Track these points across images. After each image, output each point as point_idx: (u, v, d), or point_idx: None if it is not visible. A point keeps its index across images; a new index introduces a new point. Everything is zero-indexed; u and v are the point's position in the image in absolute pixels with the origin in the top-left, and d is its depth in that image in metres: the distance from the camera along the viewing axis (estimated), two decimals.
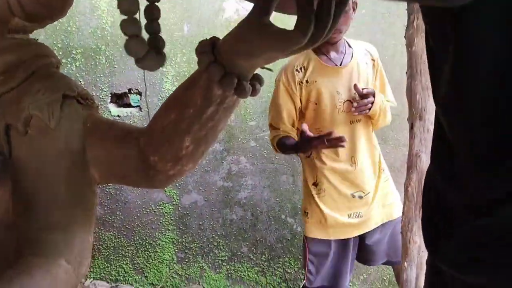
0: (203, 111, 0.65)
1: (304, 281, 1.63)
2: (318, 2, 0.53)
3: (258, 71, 0.67)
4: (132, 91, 2.29)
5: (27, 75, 0.71)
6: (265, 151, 2.18)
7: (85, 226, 0.72)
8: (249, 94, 0.64)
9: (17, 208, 0.69)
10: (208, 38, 0.64)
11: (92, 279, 2.32)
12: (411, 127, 1.40)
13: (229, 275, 2.22)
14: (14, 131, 0.67)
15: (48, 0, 0.75)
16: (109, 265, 2.33)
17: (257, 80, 0.65)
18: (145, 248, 2.28)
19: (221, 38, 0.64)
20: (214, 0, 2.13)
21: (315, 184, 1.59)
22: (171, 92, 0.69)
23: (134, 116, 2.26)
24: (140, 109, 2.29)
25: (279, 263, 2.17)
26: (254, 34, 0.57)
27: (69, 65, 2.22)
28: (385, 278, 2.14)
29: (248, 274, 2.21)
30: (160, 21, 0.67)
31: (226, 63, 0.60)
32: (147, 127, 0.72)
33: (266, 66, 0.68)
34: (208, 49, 0.61)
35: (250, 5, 0.60)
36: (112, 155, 0.72)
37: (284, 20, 0.73)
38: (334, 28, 0.56)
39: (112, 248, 2.31)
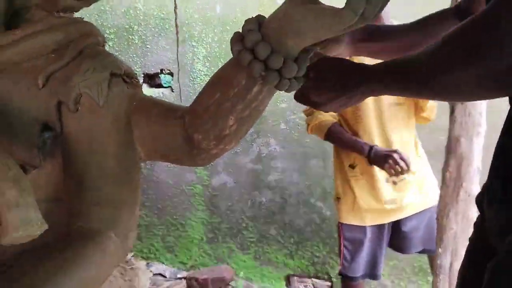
0: (248, 90, 0.65)
1: (339, 267, 1.63)
2: None
3: None
4: (164, 72, 2.31)
5: (76, 54, 0.72)
6: (295, 134, 2.16)
7: (132, 200, 0.74)
8: (295, 73, 0.63)
9: (68, 183, 0.71)
10: (254, 16, 0.64)
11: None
12: (452, 112, 1.36)
13: (257, 256, 2.25)
14: (65, 108, 0.69)
15: None
16: (140, 243, 2.40)
17: (302, 60, 0.64)
18: (176, 228, 2.34)
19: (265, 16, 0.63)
20: None
21: (352, 166, 1.57)
22: (202, 72, 0.70)
23: (165, 96, 2.28)
24: (172, 89, 2.31)
25: (307, 247, 2.18)
26: (304, 12, 0.56)
27: None
28: (415, 265, 2.12)
29: (276, 256, 2.23)
30: (192, 0, 0.67)
31: (272, 42, 0.59)
32: (191, 106, 0.73)
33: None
34: (255, 27, 0.61)
35: None
36: (157, 133, 0.73)
37: None
38: (384, 6, 0.55)
39: (144, 227, 2.38)
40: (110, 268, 0.70)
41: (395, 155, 1.43)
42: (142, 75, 2.30)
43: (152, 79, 2.33)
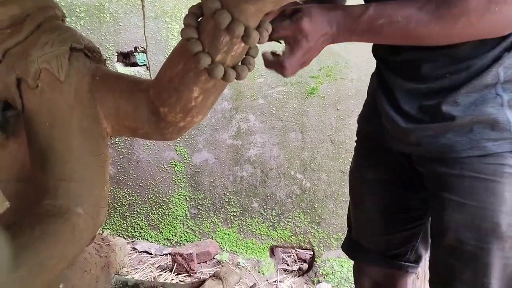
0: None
1: None
2: None
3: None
4: (138, 50, 2.26)
5: (33, 28, 0.70)
6: (273, 108, 2.17)
7: (100, 176, 0.74)
8: (257, 42, 0.63)
9: (34, 160, 0.70)
10: None
11: (109, 232, 2.41)
12: None
13: (241, 229, 2.29)
14: (25, 84, 0.68)
15: None
16: (125, 222, 2.40)
17: (264, 28, 0.63)
18: (159, 205, 2.34)
19: None
20: None
21: None
22: None
23: (141, 75, 2.24)
24: (147, 68, 2.27)
25: (289, 218, 2.22)
26: None
27: (73, 24, 2.19)
28: None
29: (259, 229, 2.27)
30: None
31: (233, 9, 0.58)
32: (155, 78, 0.72)
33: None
34: None
35: None
36: (123, 107, 0.73)
37: None
38: None
39: (127, 206, 2.38)
40: (80, 245, 0.70)
41: None
42: (116, 54, 2.25)
43: (127, 58, 2.28)
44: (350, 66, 2.03)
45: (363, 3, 0.77)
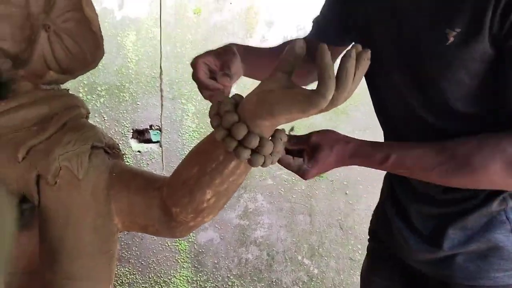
0: (225, 166, 0.66)
1: None
2: (339, 66, 0.55)
3: None
4: (153, 127, 2.34)
5: (59, 127, 0.74)
6: (282, 189, 2.17)
7: (106, 274, 0.73)
8: (271, 151, 0.65)
9: (43, 255, 0.70)
10: (230, 97, 0.66)
11: None
12: None
13: None
14: (44, 181, 0.70)
15: (81, 55, 0.80)
16: None
17: (278, 137, 0.66)
18: (160, 286, 2.26)
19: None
20: (235, 41, 2.20)
21: None
22: (191, 128, 0.72)
23: (154, 151, 2.30)
24: (160, 145, 2.33)
25: None
26: (277, 96, 0.58)
27: (93, 101, 2.30)
28: None
29: None
30: (182, 61, 0.71)
31: (248, 123, 0.61)
32: (170, 178, 0.74)
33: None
34: (232, 108, 0.63)
35: None
36: (136, 205, 0.74)
37: None
38: (354, 90, 0.58)
39: (127, 285, 2.30)
40: None
41: None
42: (132, 131, 2.33)
43: (141, 135, 2.35)
44: None
45: None
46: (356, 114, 2.05)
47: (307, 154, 0.76)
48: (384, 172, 0.97)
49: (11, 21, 0.72)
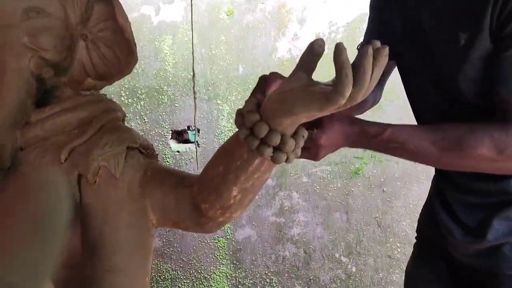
0: (249, 164, 0.69)
1: None
2: (355, 63, 0.55)
3: None
4: (190, 128, 2.41)
5: (97, 129, 0.79)
6: (317, 187, 2.17)
7: (143, 268, 0.77)
8: (293, 148, 0.66)
9: (85, 249, 0.76)
10: (253, 97, 0.69)
11: None
12: None
13: None
14: (85, 180, 0.75)
15: (116, 61, 0.85)
16: None
17: (300, 135, 0.67)
18: (201, 282, 2.33)
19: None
20: (267, 40, 2.22)
21: None
22: (226, 128, 0.75)
23: (192, 151, 2.37)
24: (198, 144, 2.39)
25: None
26: (297, 95, 0.59)
27: (134, 105, 2.41)
28: None
29: None
30: (217, 62, 0.74)
31: (270, 121, 0.63)
32: (199, 176, 0.78)
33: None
34: (254, 108, 0.65)
35: (303, 44, 0.65)
36: (169, 202, 0.78)
37: None
38: (372, 88, 0.58)
39: (169, 280, 2.39)
40: None
41: None
42: (171, 132, 2.41)
43: (180, 135, 2.43)
44: None
45: None
46: (388, 109, 2.02)
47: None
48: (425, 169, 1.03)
49: (53, 33, 0.78)
